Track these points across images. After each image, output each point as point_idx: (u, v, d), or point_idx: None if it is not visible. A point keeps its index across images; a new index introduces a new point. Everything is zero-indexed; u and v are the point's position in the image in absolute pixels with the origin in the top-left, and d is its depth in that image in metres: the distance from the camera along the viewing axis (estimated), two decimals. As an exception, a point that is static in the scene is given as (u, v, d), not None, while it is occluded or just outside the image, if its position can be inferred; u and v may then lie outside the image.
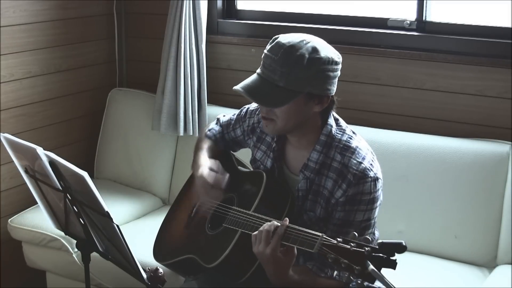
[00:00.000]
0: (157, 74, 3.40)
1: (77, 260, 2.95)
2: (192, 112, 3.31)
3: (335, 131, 2.07)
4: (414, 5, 3.05)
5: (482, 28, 2.95)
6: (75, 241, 2.17)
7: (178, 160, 3.43)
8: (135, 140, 3.48)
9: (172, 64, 3.30)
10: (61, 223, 2.20)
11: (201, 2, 3.26)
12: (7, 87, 3.19)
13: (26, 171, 2.13)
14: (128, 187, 3.46)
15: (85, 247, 2.11)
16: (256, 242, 1.89)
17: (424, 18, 3.04)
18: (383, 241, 1.61)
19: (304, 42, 1.95)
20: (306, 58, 1.93)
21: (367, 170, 2.00)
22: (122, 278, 2.47)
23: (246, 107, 2.35)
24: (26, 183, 2.21)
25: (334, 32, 3.17)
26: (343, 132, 2.08)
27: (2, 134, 2.14)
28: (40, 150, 1.98)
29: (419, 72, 3.03)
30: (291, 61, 1.93)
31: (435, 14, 3.04)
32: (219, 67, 3.48)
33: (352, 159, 2.02)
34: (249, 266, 1.97)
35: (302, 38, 1.97)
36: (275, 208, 2.04)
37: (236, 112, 2.39)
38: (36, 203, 2.26)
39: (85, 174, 1.86)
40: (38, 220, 3.03)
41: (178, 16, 3.26)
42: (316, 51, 1.94)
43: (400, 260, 1.64)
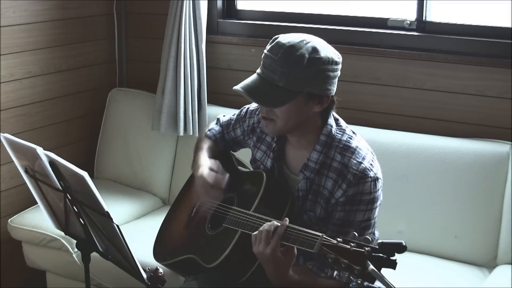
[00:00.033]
0: (157, 74, 3.40)
1: (77, 260, 2.95)
2: (192, 112, 3.31)
3: (335, 131, 2.07)
4: (414, 5, 3.05)
5: (482, 28, 2.95)
6: (75, 241, 2.17)
7: (178, 160, 3.43)
8: (135, 140, 3.48)
9: (172, 64, 3.30)
10: (61, 223, 2.20)
11: (201, 2, 3.26)
12: (7, 87, 3.19)
13: (26, 171, 2.13)
14: (128, 187, 3.46)
15: (85, 247, 2.11)
16: (256, 242, 1.89)
17: (424, 18, 3.04)
18: (383, 241, 1.61)
19: (304, 42, 1.95)
20: (306, 58, 1.93)
21: (367, 170, 2.00)
22: (122, 278, 2.47)
23: (246, 107, 2.35)
24: (26, 183, 2.21)
25: (334, 32, 3.17)
26: (343, 132, 2.08)
27: (2, 134, 2.13)
28: (40, 150, 1.98)
29: (419, 72, 3.03)
30: (291, 61, 1.93)
31: (435, 14, 3.04)
32: (219, 67, 3.48)
33: (352, 159, 2.01)
34: (249, 266, 1.97)
35: (302, 38, 1.97)
36: (275, 208, 2.04)
37: (236, 112, 2.39)
38: (36, 203, 2.25)
39: (85, 174, 1.86)
40: (38, 220, 3.03)
41: (178, 16, 3.26)
42: (316, 51, 1.94)
43: (400, 260, 1.64)
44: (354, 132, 2.11)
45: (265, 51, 2.00)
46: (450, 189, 2.80)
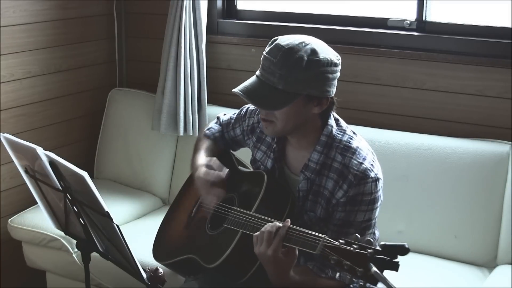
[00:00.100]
0: (157, 74, 3.40)
1: (77, 260, 2.95)
2: (192, 112, 3.31)
3: (335, 132, 2.07)
4: (414, 5, 3.04)
5: (482, 28, 2.95)
6: (75, 241, 2.17)
7: (178, 160, 3.43)
8: (135, 140, 3.48)
9: (172, 64, 3.30)
10: (61, 223, 2.20)
11: (201, 2, 3.26)
12: (7, 87, 3.19)
13: (26, 171, 2.13)
14: (128, 187, 3.46)
15: (85, 247, 2.11)
16: (257, 242, 1.89)
17: (424, 18, 3.04)
18: (385, 243, 1.60)
19: (303, 44, 1.95)
20: (305, 60, 1.92)
21: (368, 171, 2.00)
22: (122, 278, 2.47)
23: (246, 106, 2.35)
24: (26, 183, 2.21)
25: (334, 32, 3.17)
26: (344, 133, 2.08)
27: (2, 134, 2.13)
28: (40, 150, 1.98)
29: (419, 72, 3.03)
30: (290, 63, 1.92)
31: (435, 14, 3.04)
32: (219, 67, 3.48)
33: (353, 160, 2.01)
34: (249, 267, 1.97)
35: (301, 40, 1.96)
36: (275, 208, 2.04)
37: (237, 111, 2.39)
38: (36, 203, 2.25)
39: (85, 174, 1.86)
40: (38, 220, 3.03)
41: (178, 16, 3.26)
42: (315, 53, 1.94)
43: (400, 260, 1.63)
44: (354, 133, 2.11)
45: (264, 53, 1.99)
46: (450, 189, 2.80)
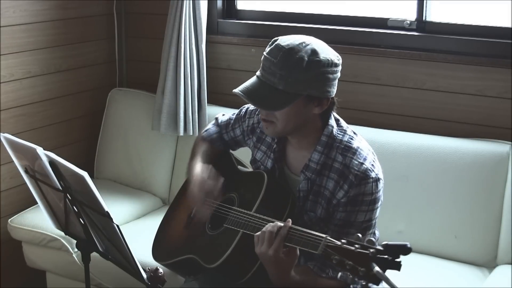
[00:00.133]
0: (157, 74, 3.40)
1: (77, 260, 2.95)
2: (192, 112, 3.31)
3: (336, 132, 2.07)
4: (414, 5, 3.04)
5: (482, 28, 2.95)
6: (75, 241, 2.17)
7: (178, 160, 3.43)
8: (135, 140, 3.48)
9: (172, 64, 3.30)
10: (61, 223, 2.20)
11: (201, 2, 3.26)
12: (7, 87, 3.19)
13: (26, 171, 2.13)
14: (128, 187, 3.46)
15: (85, 247, 2.11)
16: (258, 242, 1.89)
17: (424, 18, 3.04)
18: (387, 242, 1.60)
19: (304, 45, 1.94)
20: (305, 61, 1.92)
21: (369, 171, 2.00)
22: (122, 278, 2.47)
23: (246, 107, 2.34)
24: (26, 183, 2.21)
25: (334, 32, 3.17)
26: (344, 133, 2.08)
27: (2, 134, 2.13)
28: (40, 150, 1.98)
29: (419, 72, 3.03)
30: (290, 64, 1.92)
31: (435, 14, 3.04)
32: (219, 67, 3.48)
33: (353, 160, 2.01)
34: (250, 267, 1.97)
35: (302, 41, 1.96)
36: (276, 208, 2.04)
37: (236, 111, 2.39)
38: (36, 203, 2.25)
39: (85, 174, 1.86)
40: (38, 220, 3.03)
41: (178, 16, 3.26)
42: (315, 54, 1.94)
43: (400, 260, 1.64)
44: (355, 133, 2.11)
45: (264, 53, 1.99)
46: (450, 189, 2.80)
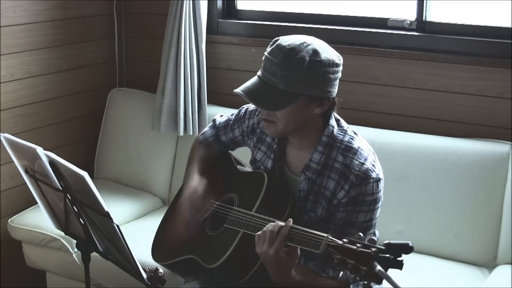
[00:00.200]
0: (157, 74, 3.40)
1: (77, 260, 2.95)
2: (192, 112, 3.31)
3: (336, 132, 2.07)
4: (414, 5, 3.05)
5: (482, 28, 2.95)
6: (75, 241, 2.17)
7: (178, 160, 3.43)
8: (135, 140, 3.48)
9: (172, 64, 3.30)
10: (61, 223, 2.20)
11: (201, 2, 3.26)
12: (7, 87, 3.19)
13: (26, 171, 2.13)
14: (128, 187, 3.46)
15: (85, 247, 2.11)
16: (259, 242, 1.89)
17: (424, 18, 3.04)
18: (389, 241, 1.59)
19: (305, 45, 1.94)
20: (306, 61, 1.92)
21: (370, 171, 2.00)
22: (122, 278, 2.47)
23: (245, 107, 2.34)
24: (26, 183, 2.21)
25: (334, 32, 3.17)
26: (345, 133, 2.08)
27: (2, 134, 2.13)
28: (40, 150, 1.98)
29: (419, 72, 3.03)
30: (292, 64, 1.92)
31: (435, 14, 3.04)
32: (219, 67, 3.48)
33: (354, 160, 2.01)
34: (250, 266, 1.97)
35: (303, 41, 1.96)
36: (276, 208, 2.04)
37: (235, 112, 2.38)
38: (36, 203, 2.25)
39: (85, 174, 1.86)
40: (38, 220, 3.03)
41: (178, 16, 3.26)
42: (316, 54, 1.93)
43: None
44: (355, 133, 2.11)
45: (265, 53, 1.99)
46: (450, 189, 2.80)
